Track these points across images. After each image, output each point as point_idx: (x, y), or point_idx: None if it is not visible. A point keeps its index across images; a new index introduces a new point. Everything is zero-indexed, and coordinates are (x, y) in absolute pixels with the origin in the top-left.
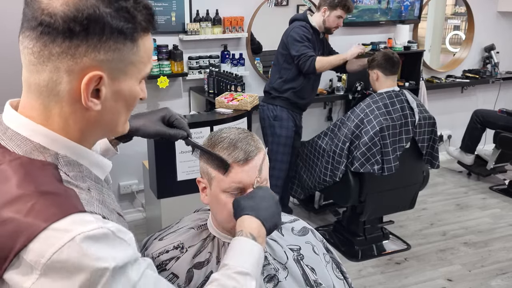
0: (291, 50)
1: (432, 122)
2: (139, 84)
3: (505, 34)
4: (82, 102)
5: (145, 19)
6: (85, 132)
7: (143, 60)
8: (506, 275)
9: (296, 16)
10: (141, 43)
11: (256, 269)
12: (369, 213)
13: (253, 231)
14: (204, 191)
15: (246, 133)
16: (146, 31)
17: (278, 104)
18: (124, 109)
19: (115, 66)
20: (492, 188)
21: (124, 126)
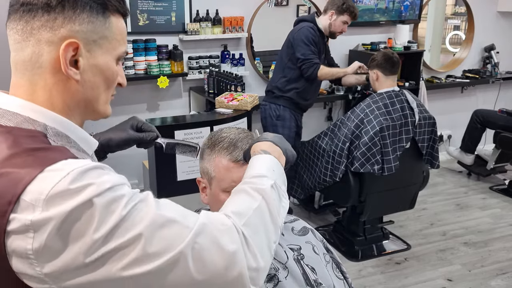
0: (296, 52)
1: (432, 122)
2: (117, 67)
3: (505, 34)
4: (62, 69)
5: (116, 1)
6: (69, 104)
7: (116, 37)
8: (506, 275)
9: (304, 17)
10: (113, 21)
11: (272, 173)
12: (369, 213)
13: (264, 147)
14: (204, 191)
15: (246, 133)
16: (118, 12)
17: (281, 104)
18: (103, 86)
19: (90, 38)
20: (492, 188)
21: (105, 107)
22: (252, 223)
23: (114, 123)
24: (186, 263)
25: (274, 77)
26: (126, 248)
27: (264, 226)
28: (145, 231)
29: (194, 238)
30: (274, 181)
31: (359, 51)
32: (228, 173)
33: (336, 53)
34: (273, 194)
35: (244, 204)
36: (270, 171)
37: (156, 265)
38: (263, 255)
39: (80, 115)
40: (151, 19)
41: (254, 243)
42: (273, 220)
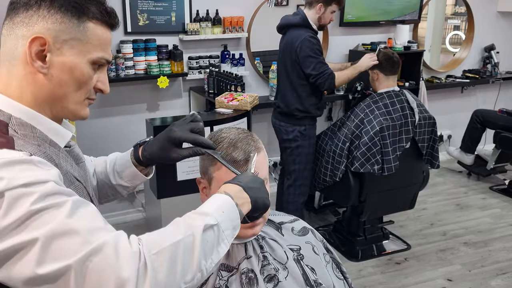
0: (305, 68)
1: (432, 122)
2: (97, 72)
3: (505, 34)
4: (28, 61)
5: (97, 10)
6: (37, 97)
7: (91, 42)
8: (506, 275)
9: (294, 21)
10: (91, 26)
11: (220, 214)
12: (369, 213)
13: (229, 190)
14: (204, 191)
15: (246, 133)
16: (97, 20)
17: (306, 124)
18: (72, 85)
19: (61, 36)
20: (492, 188)
21: (77, 107)
22: (164, 256)
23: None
24: (69, 278)
25: (287, 98)
26: (21, 249)
27: (180, 263)
28: (43, 236)
29: (89, 255)
30: (217, 222)
31: (359, 51)
32: (228, 173)
33: (336, 53)
34: (208, 235)
35: (166, 235)
36: (219, 212)
37: (43, 272)
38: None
39: (50, 110)
40: (151, 19)
41: (154, 276)
42: (195, 260)
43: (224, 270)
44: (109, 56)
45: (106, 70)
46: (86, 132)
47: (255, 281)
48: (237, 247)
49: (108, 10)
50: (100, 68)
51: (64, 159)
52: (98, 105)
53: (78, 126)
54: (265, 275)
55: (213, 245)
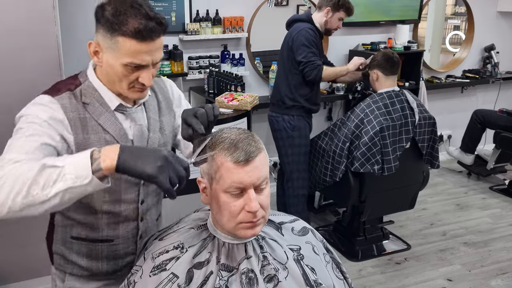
0: (297, 55)
1: (432, 122)
2: (139, 71)
3: (505, 34)
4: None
5: (129, 27)
6: (102, 78)
7: (121, 52)
8: (506, 275)
9: (299, 17)
10: (120, 40)
11: (71, 161)
12: (369, 213)
13: (105, 147)
14: (205, 191)
15: (247, 134)
16: (126, 35)
17: (294, 114)
18: (115, 77)
19: (103, 44)
20: (492, 188)
21: (126, 92)
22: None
23: None
24: None
25: (279, 86)
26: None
27: (9, 185)
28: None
29: None
30: (62, 165)
31: (359, 51)
32: (228, 174)
33: (336, 53)
34: (46, 171)
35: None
36: (72, 159)
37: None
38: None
39: (111, 87)
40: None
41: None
42: (26, 186)
43: (224, 270)
44: (139, 61)
45: (148, 69)
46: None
47: (255, 281)
48: (237, 247)
49: (140, 28)
50: (142, 68)
51: (104, 116)
52: None
53: None
54: (265, 275)
55: (49, 180)
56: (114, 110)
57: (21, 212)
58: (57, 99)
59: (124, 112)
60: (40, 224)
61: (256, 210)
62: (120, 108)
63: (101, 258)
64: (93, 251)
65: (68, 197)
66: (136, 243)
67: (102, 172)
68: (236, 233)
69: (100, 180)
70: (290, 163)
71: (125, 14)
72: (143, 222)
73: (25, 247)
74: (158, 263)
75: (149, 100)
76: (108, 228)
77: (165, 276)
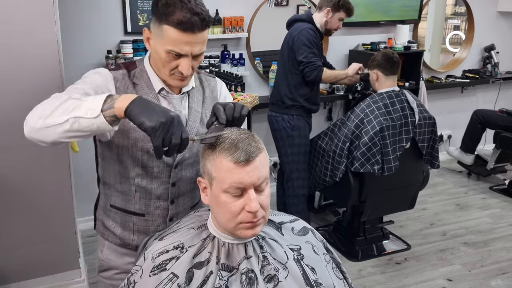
0: (298, 55)
1: (432, 122)
2: (180, 59)
3: (505, 34)
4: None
5: (175, 18)
6: (153, 64)
7: (165, 39)
8: (506, 275)
9: (300, 17)
10: (165, 28)
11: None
12: (369, 213)
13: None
14: (205, 191)
15: (247, 134)
16: (172, 25)
17: (294, 113)
18: (159, 63)
19: (153, 31)
20: (492, 188)
21: (167, 78)
22: (38, 106)
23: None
24: None
25: (279, 86)
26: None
27: (41, 109)
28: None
29: None
30: (81, 98)
31: (359, 51)
32: (229, 174)
33: (336, 53)
34: (69, 102)
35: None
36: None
37: None
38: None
39: (158, 73)
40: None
41: (29, 114)
42: (52, 111)
43: (224, 270)
44: (179, 50)
45: (187, 59)
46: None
47: (255, 281)
48: (237, 247)
49: (183, 20)
50: (182, 57)
51: (148, 97)
52: None
53: None
54: (265, 275)
55: (68, 108)
56: (157, 93)
57: (39, 132)
58: (113, 73)
59: (166, 97)
60: (40, 224)
61: (256, 210)
62: (162, 92)
63: (132, 230)
64: (126, 222)
65: (76, 127)
66: (165, 223)
67: (113, 110)
68: (236, 233)
69: (111, 123)
70: (290, 162)
71: (174, 6)
72: (174, 205)
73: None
74: (158, 263)
75: (195, 93)
76: (140, 203)
77: (165, 276)
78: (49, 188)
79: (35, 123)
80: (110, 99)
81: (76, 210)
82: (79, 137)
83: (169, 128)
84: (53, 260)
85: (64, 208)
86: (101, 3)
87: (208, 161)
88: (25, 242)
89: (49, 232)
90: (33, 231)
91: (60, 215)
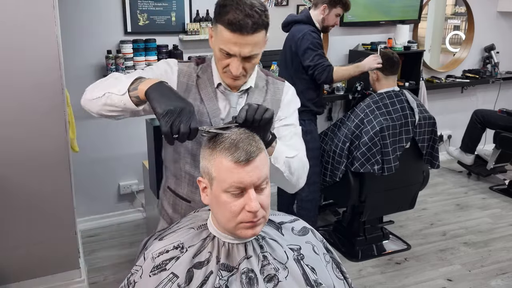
0: (304, 60)
1: (432, 122)
2: (229, 59)
3: (505, 34)
4: None
5: (228, 19)
6: (215, 60)
7: (219, 38)
8: (506, 275)
9: (298, 18)
10: (219, 27)
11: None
12: (369, 213)
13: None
14: (205, 191)
15: (247, 134)
16: (223, 24)
17: (305, 118)
18: (216, 57)
19: (213, 29)
20: (492, 188)
21: (222, 75)
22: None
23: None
24: None
25: None
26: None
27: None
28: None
29: None
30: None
31: (359, 51)
32: (229, 174)
33: (336, 53)
34: (109, 80)
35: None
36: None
37: None
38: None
39: (219, 67)
40: (151, 19)
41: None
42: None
43: (224, 270)
44: (227, 49)
45: (236, 59)
46: (86, 132)
47: (255, 281)
48: (237, 247)
49: (233, 21)
50: (232, 57)
51: (207, 89)
52: None
53: (78, 126)
54: (265, 275)
55: (110, 86)
56: (216, 88)
57: (88, 103)
58: (179, 64)
59: (224, 93)
60: (40, 224)
61: (256, 210)
62: (220, 87)
63: (180, 213)
64: (176, 204)
65: (109, 102)
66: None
67: (136, 92)
68: (236, 233)
69: (137, 104)
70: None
71: (229, 6)
72: None
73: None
74: (158, 263)
75: (255, 93)
76: (188, 189)
77: (165, 276)
78: (49, 188)
79: (86, 95)
80: (138, 81)
81: (76, 210)
82: (116, 113)
83: (177, 116)
84: (53, 260)
85: (64, 208)
86: (101, 3)
87: (208, 161)
88: (25, 242)
89: (49, 232)
90: (33, 231)
91: (60, 215)
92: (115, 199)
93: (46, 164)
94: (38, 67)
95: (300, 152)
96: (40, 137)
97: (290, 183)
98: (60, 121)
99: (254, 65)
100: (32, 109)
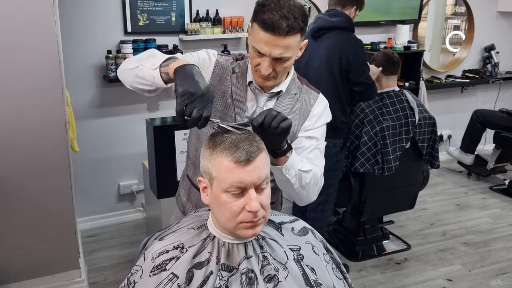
0: (359, 76)
1: (432, 122)
2: (259, 58)
3: (505, 34)
4: None
5: (263, 19)
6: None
7: (253, 36)
8: (506, 275)
9: (338, 24)
10: (254, 25)
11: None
12: (369, 213)
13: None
14: (205, 191)
15: (248, 134)
16: (258, 23)
17: (342, 137)
18: (250, 58)
19: (251, 26)
20: (492, 188)
21: (253, 73)
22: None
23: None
24: None
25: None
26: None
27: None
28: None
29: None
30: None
31: None
32: (229, 173)
33: None
34: (145, 54)
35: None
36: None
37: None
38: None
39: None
40: (151, 19)
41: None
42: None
43: (224, 270)
44: (258, 48)
45: (266, 59)
46: (86, 132)
47: (255, 281)
48: (237, 247)
49: (267, 21)
50: (263, 56)
51: (239, 85)
52: (98, 105)
53: (78, 126)
54: (265, 275)
55: (146, 59)
56: (247, 85)
57: (122, 73)
58: (218, 56)
59: (254, 91)
60: (40, 224)
61: (257, 210)
62: (251, 85)
63: (193, 202)
64: (191, 193)
65: (141, 74)
66: None
67: (167, 68)
68: (236, 233)
69: (166, 81)
70: (332, 186)
71: (268, 6)
72: None
73: (25, 247)
74: (158, 263)
75: (285, 98)
76: None
77: (165, 276)
78: (49, 188)
79: (122, 65)
80: (172, 60)
81: (76, 210)
82: (146, 86)
83: (194, 100)
84: (53, 260)
85: (64, 208)
86: (101, 3)
87: (208, 161)
88: (25, 242)
89: (49, 232)
90: (33, 231)
91: (60, 215)
92: (115, 199)
93: (46, 164)
94: (38, 67)
95: (316, 167)
96: (40, 137)
97: (299, 196)
98: (60, 121)
99: (285, 69)
100: (32, 109)
